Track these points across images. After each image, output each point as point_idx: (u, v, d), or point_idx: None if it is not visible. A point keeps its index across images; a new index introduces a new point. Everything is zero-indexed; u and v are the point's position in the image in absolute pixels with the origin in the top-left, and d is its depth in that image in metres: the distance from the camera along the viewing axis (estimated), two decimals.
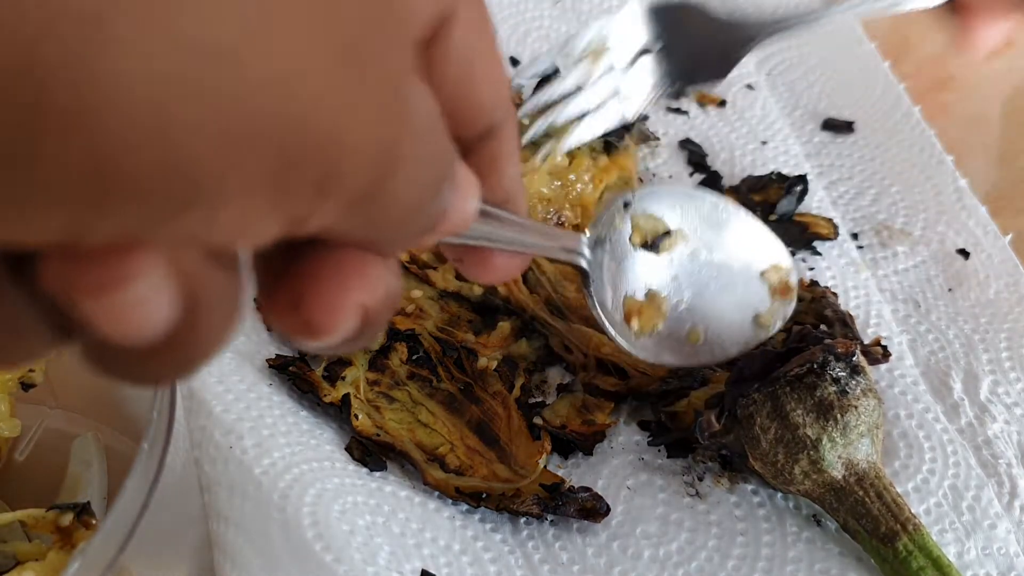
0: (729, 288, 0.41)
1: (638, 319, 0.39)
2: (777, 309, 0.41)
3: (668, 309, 0.40)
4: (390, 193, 0.16)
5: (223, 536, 0.37)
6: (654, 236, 0.39)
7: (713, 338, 0.40)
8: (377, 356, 0.44)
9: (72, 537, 0.33)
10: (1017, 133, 0.62)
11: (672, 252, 0.40)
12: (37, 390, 0.38)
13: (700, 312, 0.40)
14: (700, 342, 0.40)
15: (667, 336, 0.40)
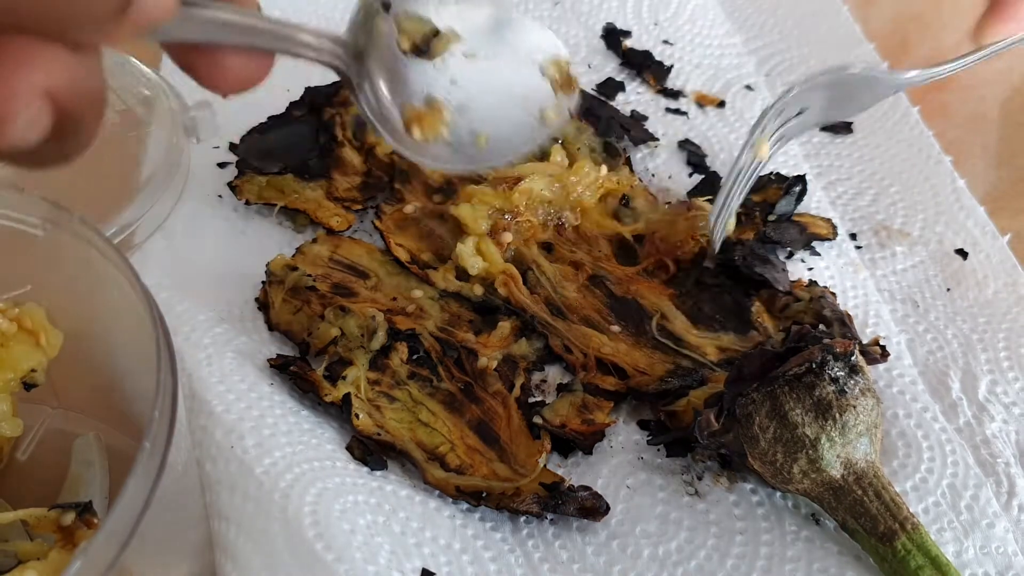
0: (510, 87, 0.38)
1: (419, 127, 0.36)
2: (561, 103, 0.39)
3: (450, 114, 0.37)
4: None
5: (224, 535, 0.37)
6: (423, 38, 0.36)
7: (500, 138, 0.38)
8: (378, 356, 0.44)
9: (74, 536, 0.33)
10: (1015, 134, 0.62)
11: (445, 54, 0.37)
12: (39, 390, 0.38)
13: (483, 114, 0.38)
14: (487, 144, 0.38)
15: (454, 142, 0.37)
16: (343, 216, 0.51)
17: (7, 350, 0.36)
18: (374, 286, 0.48)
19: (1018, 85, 0.64)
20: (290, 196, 0.51)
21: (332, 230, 0.50)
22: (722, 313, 0.48)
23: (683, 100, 0.59)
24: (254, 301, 0.47)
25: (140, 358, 0.32)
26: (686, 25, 0.64)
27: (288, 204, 0.51)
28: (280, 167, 0.52)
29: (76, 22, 0.17)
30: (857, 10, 0.66)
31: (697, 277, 0.49)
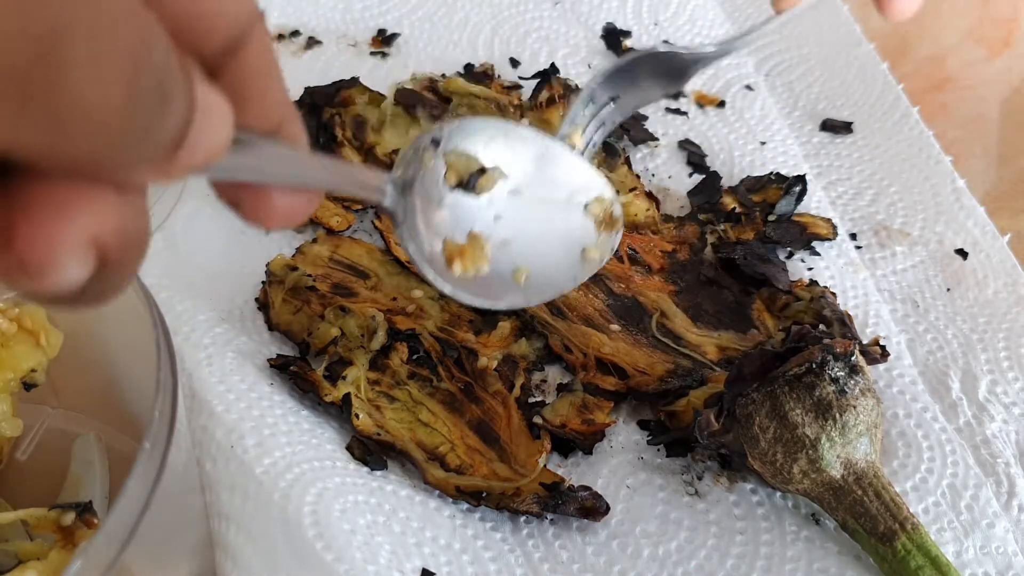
0: (553, 224, 0.38)
1: (460, 262, 0.36)
2: (604, 241, 0.39)
3: (491, 250, 0.37)
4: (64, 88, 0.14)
5: (224, 535, 0.37)
6: (469, 174, 0.36)
7: (540, 276, 0.38)
8: (378, 356, 0.44)
9: (74, 536, 0.33)
10: (1015, 134, 0.62)
11: (491, 191, 0.37)
12: (39, 390, 0.38)
13: (525, 251, 0.38)
14: (527, 281, 0.38)
15: (493, 278, 0.37)
16: (343, 216, 0.51)
17: (7, 350, 0.36)
18: (374, 286, 0.48)
19: (1018, 85, 0.64)
20: None
21: (332, 230, 0.50)
22: (722, 312, 0.48)
23: (683, 100, 0.59)
24: (254, 301, 0.47)
25: (140, 358, 0.32)
26: (686, 25, 0.64)
27: None
28: None
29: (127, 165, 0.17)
30: (857, 10, 0.66)
31: (697, 273, 0.49)
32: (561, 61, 0.61)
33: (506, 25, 0.63)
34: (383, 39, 0.62)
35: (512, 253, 0.38)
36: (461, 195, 0.36)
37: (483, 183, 0.37)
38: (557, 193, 0.39)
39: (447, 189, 0.36)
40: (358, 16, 0.64)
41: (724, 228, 0.51)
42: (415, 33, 0.63)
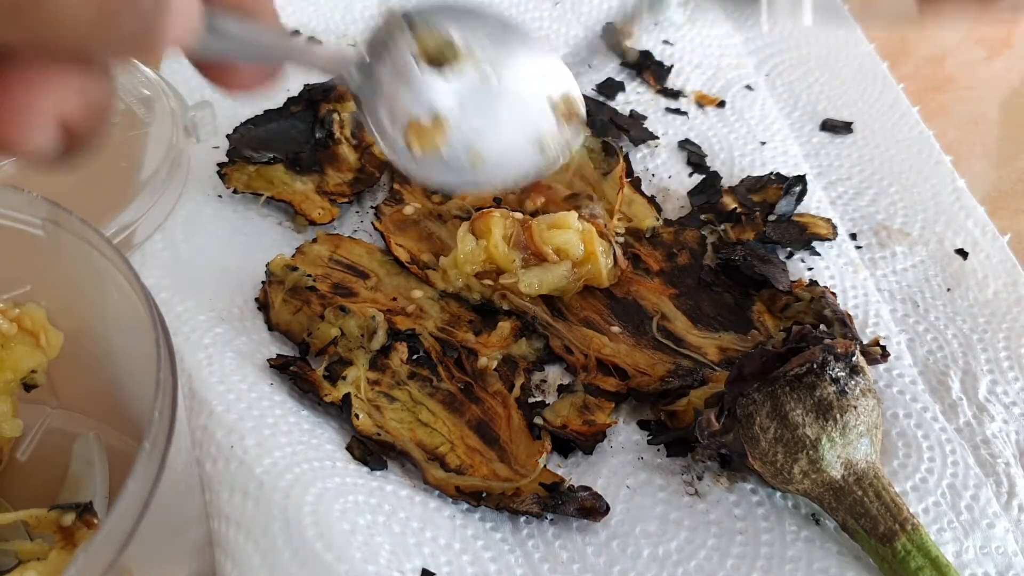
0: (516, 112, 0.39)
1: (418, 141, 0.36)
2: (563, 135, 0.39)
3: (451, 132, 0.37)
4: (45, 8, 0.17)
5: (224, 535, 0.37)
6: (440, 53, 0.37)
7: (495, 161, 0.38)
8: (378, 356, 0.44)
9: (74, 537, 0.33)
10: (1015, 134, 0.62)
11: (458, 71, 0.37)
12: (39, 390, 0.38)
13: (484, 135, 0.38)
14: (482, 163, 0.38)
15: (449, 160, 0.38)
16: (326, 209, 0.51)
17: (7, 351, 0.36)
18: (374, 286, 0.48)
19: (1018, 85, 0.64)
20: (279, 187, 0.51)
21: (315, 222, 0.50)
22: (722, 313, 0.48)
23: (683, 100, 0.59)
24: (254, 301, 0.47)
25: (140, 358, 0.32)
26: (686, 25, 0.64)
27: (275, 195, 0.51)
28: (270, 157, 0.52)
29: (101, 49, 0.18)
30: (857, 11, 0.66)
31: (697, 277, 0.49)
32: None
33: None
34: None
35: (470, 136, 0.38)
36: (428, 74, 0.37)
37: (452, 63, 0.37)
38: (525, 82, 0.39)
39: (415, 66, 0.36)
40: (358, 16, 0.64)
41: (724, 228, 0.51)
42: None
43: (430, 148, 0.37)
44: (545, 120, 0.39)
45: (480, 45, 0.38)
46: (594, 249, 0.47)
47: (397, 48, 0.36)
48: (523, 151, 0.39)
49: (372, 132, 0.36)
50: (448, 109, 0.37)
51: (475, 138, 0.38)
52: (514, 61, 0.39)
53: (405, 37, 0.36)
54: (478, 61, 0.38)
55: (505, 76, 0.38)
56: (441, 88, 0.37)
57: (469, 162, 0.38)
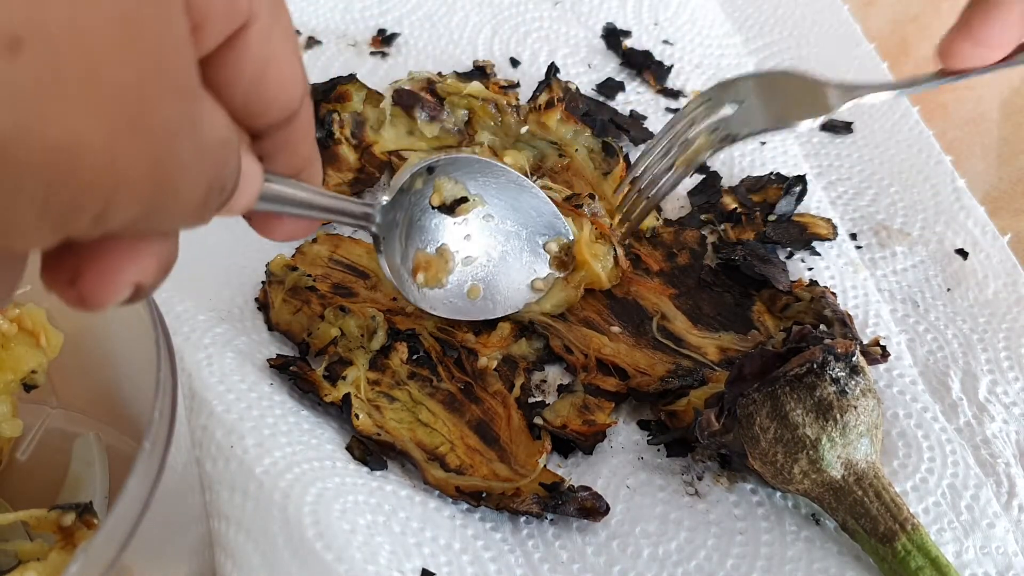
0: (514, 253, 0.44)
1: (424, 273, 0.42)
2: (552, 277, 0.45)
3: (454, 265, 0.42)
4: (167, 210, 0.19)
5: (224, 535, 0.37)
6: (452, 199, 0.42)
7: (491, 295, 0.44)
8: (378, 356, 0.44)
9: (74, 537, 0.33)
10: (1015, 134, 0.62)
11: (467, 215, 0.42)
12: (39, 390, 0.38)
13: (484, 271, 0.44)
14: (479, 298, 0.44)
15: (450, 291, 0.43)
16: None
17: (8, 351, 0.36)
18: (374, 286, 0.48)
19: (1018, 85, 0.64)
20: None
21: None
22: (722, 313, 0.48)
23: (683, 100, 0.59)
24: (254, 301, 0.47)
25: (140, 358, 0.32)
26: (686, 25, 0.64)
27: None
28: None
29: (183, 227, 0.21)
30: (857, 10, 0.66)
31: (697, 277, 0.49)
32: (561, 61, 0.61)
33: (506, 25, 0.63)
34: (383, 39, 0.62)
35: (472, 271, 0.43)
36: (440, 215, 0.42)
37: (463, 207, 0.42)
38: (523, 227, 0.44)
39: (429, 208, 0.42)
40: (358, 16, 0.64)
41: (724, 228, 0.51)
42: (415, 33, 0.63)
43: (434, 280, 0.42)
44: (539, 262, 0.45)
45: (490, 194, 0.43)
46: (584, 257, 0.47)
47: (415, 192, 0.41)
48: (516, 288, 0.45)
49: (382, 267, 0.40)
50: (454, 245, 0.43)
51: (475, 274, 0.44)
52: (517, 208, 0.44)
53: (424, 184, 0.41)
54: (486, 207, 0.43)
55: (508, 220, 0.44)
56: (450, 228, 0.42)
57: (467, 294, 0.44)
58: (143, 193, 0.18)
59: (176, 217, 0.20)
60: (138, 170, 0.18)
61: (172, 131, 0.19)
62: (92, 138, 0.17)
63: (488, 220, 0.43)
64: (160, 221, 0.20)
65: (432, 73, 0.56)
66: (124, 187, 0.18)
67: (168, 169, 0.19)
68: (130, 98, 0.17)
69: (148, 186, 0.18)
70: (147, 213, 0.19)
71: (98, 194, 0.17)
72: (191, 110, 0.19)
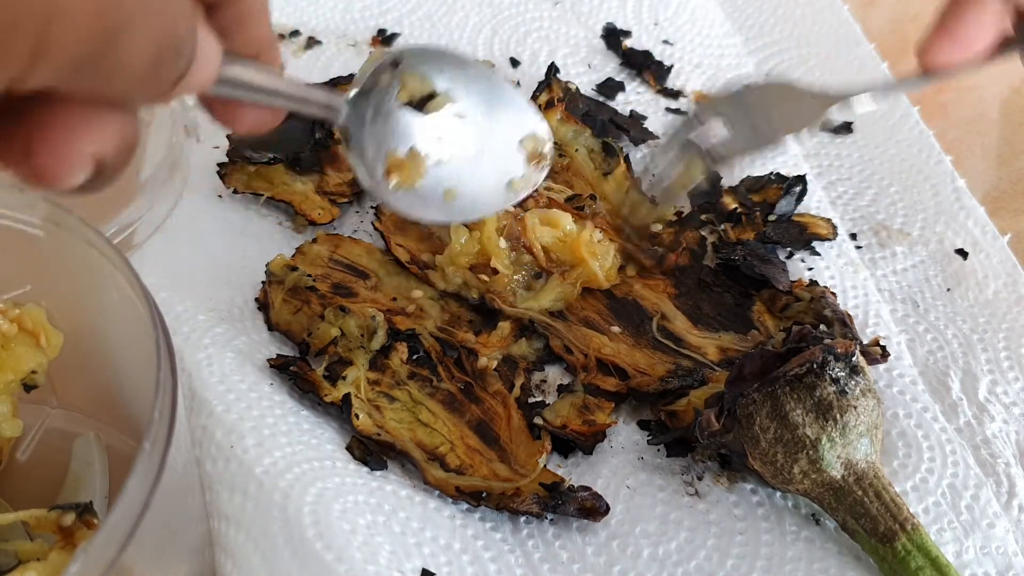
0: (488, 152, 0.41)
1: (398, 175, 0.39)
2: (530, 175, 0.42)
3: (428, 167, 0.39)
4: (113, 61, 0.18)
5: (224, 535, 0.37)
6: (421, 96, 0.39)
7: (467, 198, 0.41)
8: (378, 356, 0.44)
9: (74, 536, 0.33)
10: (1015, 134, 0.62)
11: (438, 112, 0.39)
12: (39, 390, 0.38)
13: (458, 172, 0.41)
14: (454, 200, 0.41)
15: (424, 193, 0.40)
16: (327, 209, 0.51)
17: (8, 351, 0.36)
18: (374, 286, 0.48)
19: (1018, 85, 0.64)
20: (278, 187, 0.51)
21: (315, 222, 0.50)
22: (722, 313, 0.48)
23: (683, 100, 0.59)
24: (254, 301, 0.47)
25: (140, 358, 0.32)
26: (686, 25, 0.64)
27: (274, 195, 0.51)
28: (270, 157, 0.52)
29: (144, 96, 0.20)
30: (857, 10, 0.66)
31: (697, 277, 0.49)
32: (561, 61, 0.61)
33: (506, 25, 0.63)
34: (383, 39, 0.62)
35: (446, 173, 0.40)
36: (409, 113, 0.39)
37: (432, 105, 0.39)
38: (497, 124, 0.41)
39: (397, 106, 0.39)
40: (358, 16, 0.64)
41: (724, 228, 0.51)
42: (415, 33, 0.63)
43: (407, 182, 0.39)
44: (514, 161, 0.42)
45: (461, 90, 0.40)
46: (582, 255, 0.47)
47: (381, 88, 0.38)
48: (493, 189, 0.42)
49: (352, 164, 0.38)
50: (425, 146, 0.39)
51: (450, 176, 0.41)
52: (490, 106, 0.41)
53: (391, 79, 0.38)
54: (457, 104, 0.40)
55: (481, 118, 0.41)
56: (420, 127, 0.39)
57: (442, 198, 0.40)
58: (81, 30, 0.18)
59: (125, 77, 0.19)
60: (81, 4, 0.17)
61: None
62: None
63: (459, 118, 0.40)
64: (108, 79, 0.19)
65: None
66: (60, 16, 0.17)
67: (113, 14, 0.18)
68: None
69: (86, 21, 0.18)
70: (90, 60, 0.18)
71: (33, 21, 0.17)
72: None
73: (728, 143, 0.43)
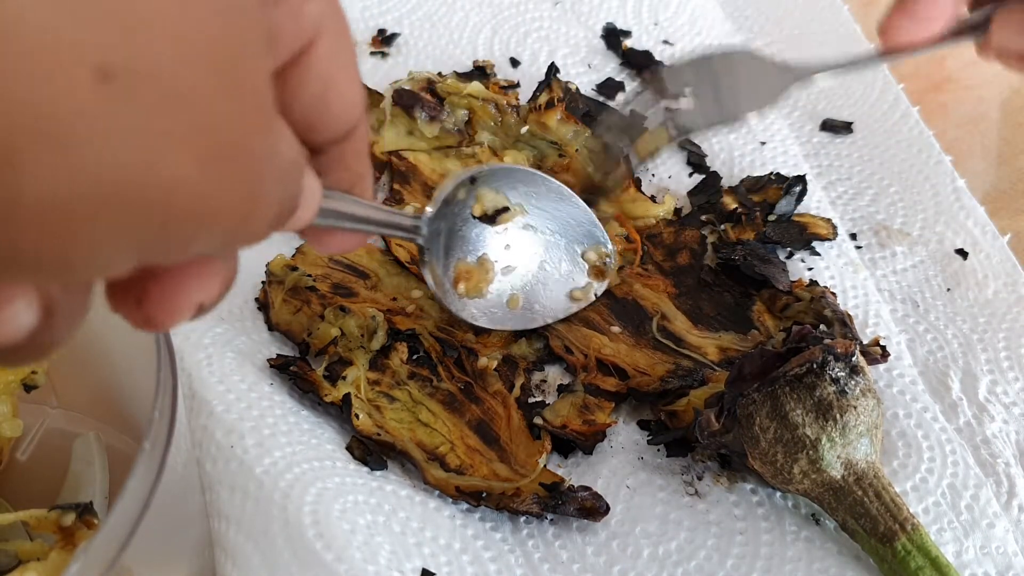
0: (553, 263, 0.44)
1: (465, 283, 0.42)
2: (591, 286, 0.45)
3: (495, 275, 0.42)
4: (247, 233, 0.19)
5: (224, 535, 0.37)
6: (494, 209, 0.42)
7: (530, 305, 0.44)
8: (378, 356, 0.44)
9: (74, 537, 0.33)
10: (1015, 133, 0.62)
11: (508, 224, 0.42)
12: (39, 390, 0.38)
13: (524, 281, 0.44)
14: (519, 308, 0.43)
15: (490, 301, 0.43)
16: None
17: None
18: (374, 286, 0.48)
19: (1018, 85, 0.64)
20: None
21: None
22: (722, 313, 0.48)
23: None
24: (254, 301, 0.47)
25: (140, 358, 0.32)
26: (686, 25, 0.64)
27: None
28: None
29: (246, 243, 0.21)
30: (857, 10, 0.66)
31: (697, 277, 0.49)
32: (561, 61, 0.61)
33: (506, 25, 0.63)
34: (383, 39, 0.62)
35: (512, 280, 0.43)
36: (481, 224, 0.42)
37: (504, 217, 0.42)
38: (564, 237, 0.44)
39: (471, 218, 0.42)
40: (358, 16, 0.64)
41: (724, 228, 0.51)
42: (415, 33, 0.63)
43: (474, 290, 0.42)
44: (577, 272, 0.45)
45: (531, 204, 0.43)
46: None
47: (457, 202, 0.41)
48: (555, 298, 0.45)
49: (426, 275, 0.41)
50: (495, 254, 0.43)
51: (515, 284, 0.44)
52: (558, 220, 0.44)
53: (467, 194, 0.41)
54: (526, 217, 0.43)
55: (548, 230, 0.44)
56: (491, 237, 0.43)
57: (507, 304, 0.44)
58: (231, 223, 0.18)
59: (249, 240, 0.20)
60: (230, 201, 0.18)
61: (261, 159, 0.18)
62: (189, 172, 0.16)
63: (528, 230, 0.43)
64: (240, 242, 0.20)
65: (432, 73, 0.56)
66: (214, 218, 0.18)
67: (256, 197, 0.19)
68: (224, 129, 0.17)
69: (237, 216, 0.18)
70: (229, 241, 0.19)
71: (189, 228, 0.17)
72: (274, 136, 0.19)
73: (692, 113, 0.43)
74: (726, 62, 0.42)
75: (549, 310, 0.44)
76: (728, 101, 0.42)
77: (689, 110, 0.43)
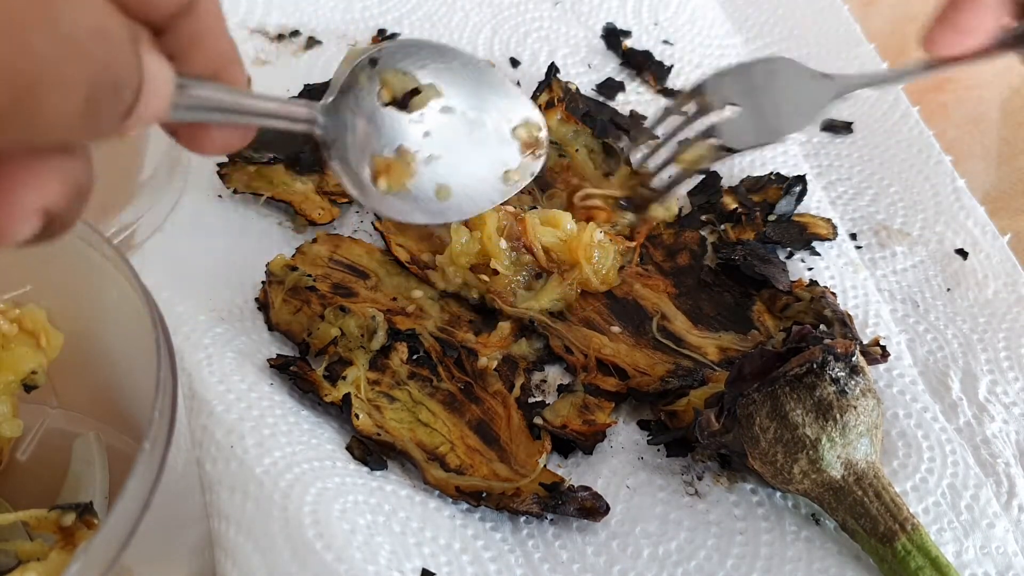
0: (481, 144, 0.39)
1: (386, 178, 0.37)
2: (526, 165, 0.40)
3: (417, 166, 0.38)
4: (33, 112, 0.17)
5: (224, 535, 0.37)
6: (403, 92, 0.37)
7: (462, 195, 0.39)
8: (378, 356, 0.44)
9: (74, 536, 0.33)
10: (1015, 134, 0.62)
11: (423, 108, 0.38)
12: (39, 390, 0.38)
13: (450, 168, 0.39)
14: (449, 198, 0.39)
15: (416, 194, 0.38)
16: (327, 209, 0.51)
17: (8, 352, 0.36)
18: (374, 286, 0.48)
19: (1018, 85, 0.64)
20: (278, 187, 0.51)
21: (315, 222, 0.50)
22: (722, 313, 0.48)
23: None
24: (254, 301, 0.47)
25: (140, 358, 0.32)
26: (686, 25, 0.64)
27: (275, 195, 0.51)
28: (270, 157, 0.52)
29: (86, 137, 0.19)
30: (857, 10, 0.66)
31: (697, 277, 0.49)
32: (561, 61, 0.61)
33: (506, 25, 0.63)
34: (383, 39, 0.62)
35: (437, 170, 0.38)
36: (393, 111, 0.37)
37: (416, 101, 0.37)
38: (487, 114, 0.39)
39: (380, 106, 0.37)
40: (358, 16, 0.64)
41: (724, 228, 0.51)
42: (415, 33, 0.63)
43: (397, 184, 0.37)
44: (508, 151, 0.40)
45: (446, 83, 0.38)
46: (578, 258, 0.47)
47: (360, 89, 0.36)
48: (488, 182, 0.40)
49: (337, 174, 0.36)
50: (414, 144, 0.37)
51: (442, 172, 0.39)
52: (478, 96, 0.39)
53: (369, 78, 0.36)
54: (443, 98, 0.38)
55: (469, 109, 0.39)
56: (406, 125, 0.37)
57: (436, 197, 0.38)
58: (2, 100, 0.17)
59: (55, 124, 0.18)
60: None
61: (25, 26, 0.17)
62: None
63: (447, 112, 0.38)
64: (33, 130, 0.18)
65: None
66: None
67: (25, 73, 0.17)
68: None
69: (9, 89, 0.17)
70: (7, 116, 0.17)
71: None
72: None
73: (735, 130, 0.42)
74: (767, 72, 0.42)
75: (484, 196, 0.40)
76: (771, 117, 0.42)
77: (732, 126, 0.42)
